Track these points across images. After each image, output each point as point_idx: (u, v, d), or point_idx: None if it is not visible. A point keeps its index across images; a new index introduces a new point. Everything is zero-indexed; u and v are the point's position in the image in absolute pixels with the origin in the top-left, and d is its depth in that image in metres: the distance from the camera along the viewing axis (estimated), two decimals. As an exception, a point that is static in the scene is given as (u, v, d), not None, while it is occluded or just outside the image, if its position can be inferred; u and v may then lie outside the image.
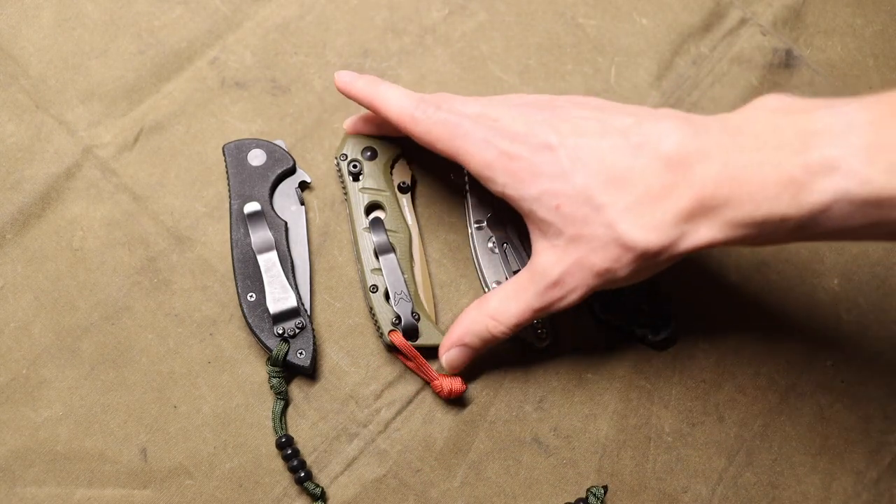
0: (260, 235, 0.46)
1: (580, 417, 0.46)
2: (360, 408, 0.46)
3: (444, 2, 0.55)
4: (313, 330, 0.46)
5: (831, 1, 0.56)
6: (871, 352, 0.48)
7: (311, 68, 0.52)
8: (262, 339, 0.45)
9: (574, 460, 0.46)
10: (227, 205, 0.49)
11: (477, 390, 0.47)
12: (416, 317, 0.46)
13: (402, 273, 0.46)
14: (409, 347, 0.45)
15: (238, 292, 0.46)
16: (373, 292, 0.46)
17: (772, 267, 0.49)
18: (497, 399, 0.47)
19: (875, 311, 0.49)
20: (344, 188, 0.49)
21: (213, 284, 0.47)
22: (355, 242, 0.47)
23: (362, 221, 0.48)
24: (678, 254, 0.38)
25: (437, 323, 0.47)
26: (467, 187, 0.49)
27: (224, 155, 0.49)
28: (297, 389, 0.46)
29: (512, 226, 0.48)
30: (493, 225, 0.48)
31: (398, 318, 0.45)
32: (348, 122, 0.50)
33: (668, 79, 0.54)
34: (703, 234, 0.37)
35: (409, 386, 0.47)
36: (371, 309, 0.46)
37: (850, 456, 0.46)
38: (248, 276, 0.46)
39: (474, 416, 0.46)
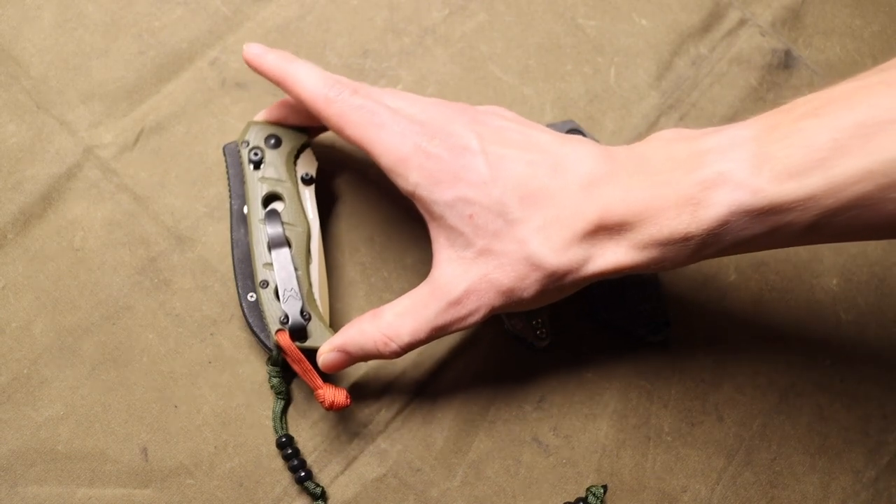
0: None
1: (580, 417, 0.46)
2: (360, 407, 0.46)
3: (444, 2, 0.55)
4: (313, 330, 0.46)
5: (830, 2, 0.56)
6: (870, 351, 0.48)
7: (311, 69, 0.52)
8: (263, 339, 0.45)
9: (574, 460, 0.46)
10: (228, 205, 0.49)
11: (477, 390, 0.47)
12: (307, 316, 0.43)
13: (296, 269, 0.44)
14: (294, 349, 0.42)
15: (238, 292, 0.46)
16: (263, 288, 0.43)
17: (771, 267, 0.50)
18: (497, 399, 0.47)
19: (874, 310, 0.49)
20: (243, 176, 0.47)
21: (214, 284, 0.47)
22: (250, 234, 0.45)
23: (258, 212, 0.45)
24: (584, 277, 0.38)
25: (331, 325, 0.45)
26: None
27: (224, 155, 0.49)
28: (297, 389, 0.46)
29: None
30: None
31: (286, 316, 0.43)
32: (261, 112, 0.48)
33: (668, 79, 0.54)
34: (609, 257, 0.37)
35: (410, 386, 0.47)
36: (260, 306, 0.44)
37: (848, 455, 0.46)
38: (249, 276, 0.46)
39: (474, 415, 0.46)
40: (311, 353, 0.43)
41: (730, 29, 0.55)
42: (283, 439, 0.44)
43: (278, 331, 0.43)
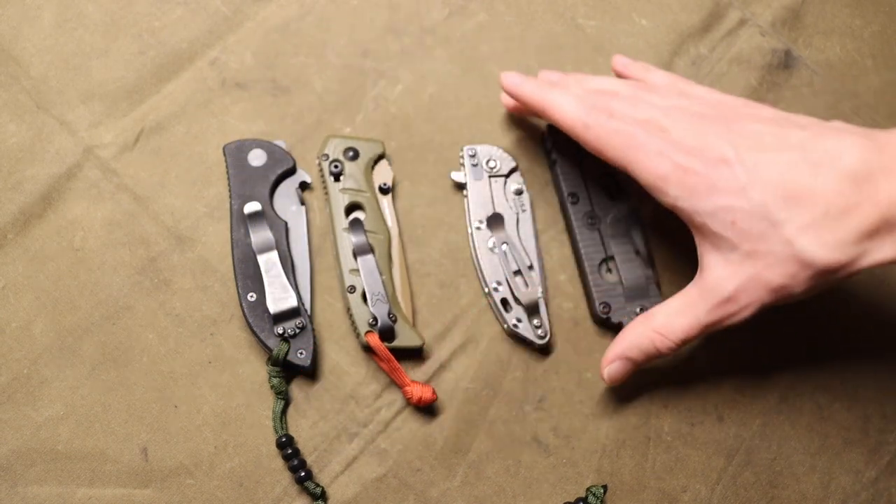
0: (260, 235, 0.46)
1: (580, 417, 0.46)
2: (361, 407, 0.46)
3: (444, 2, 0.55)
4: (313, 330, 0.46)
5: (830, 2, 0.56)
6: (870, 351, 0.48)
7: (311, 69, 0.52)
8: (263, 339, 0.45)
9: (574, 460, 0.46)
10: (228, 205, 0.49)
11: (477, 390, 0.47)
12: (393, 318, 0.46)
13: (381, 274, 0.46)
14: (384, 349, 0.45)
15: (238, 292, 0.46)
16: (350, 293, 0.46)
17: (771, 267, 0.50)
18: (497, 399, 0.47)
19: (874, 310, 0.49)
20: (325, 188, 0.49)
21: (214, 284, 0.47)
22: (334, 243, 0.48)
23: (342, 222, 0.48)
24: (857, 270, 0.37)
25: (414, 325, 0.47)
26: (466, 192, 0.49)
27: (224, 155, 0.49)
28: (297, 389, 0.46)
29: (512, 226, 0.48)
30: (492, 225, 0.48)
31: (375, 319, 0.45)
32: (509, 102, 0.50)
33: (668, 79, 0.54)
34: (886, 251, 0.36)
35: (409, 386, 0.47)
36: (348, 309, 0.46)
37: (848, 455, 0.46)
38: (249, 276, 0.46)
39: (474, 416, 0.46)
40: (398, 353, 0.45)
41: (730, 29, 0.55)
42: (283, 439, 0.44)
43: (367, 332, 0.45)
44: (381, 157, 0.50)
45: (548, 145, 0.51)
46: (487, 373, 0.47)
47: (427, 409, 0.46)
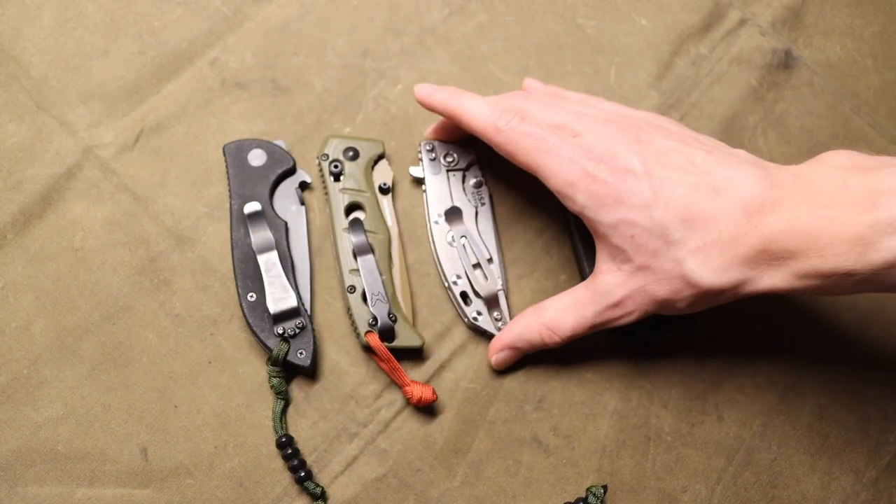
0: (260, 235, 0.46)
1: (580, 417, 0.46)
2: (360, 407, 0.46)
3: (444, 2, 0.55)
4: (313, 330, 0.46)
5: (830, 2, 0.56)
6: (871, 352, 0.48)
7: (311, 69, 0.52)
8: (263, 339, 0.45)
9: (574, 460, 0.46)
10: (228, 205, 0.49)
11: (477, 390, 0.47)
12: (393, 318, 0.46)
13: (381, 274, 0.46)
14: (384, 349, 0.45)
15: (238, 292, 0.46)
16: (350, 293, 0.46)
17: (771, 267, 0.50)
18: (497, 399, 0.47)
19: (874, 310, 0.49)
20: (325, 188, 0.49)
21: (214, 284, 0.47)
22: (334, 243, 0.48)
23: (342, 222, 0.48)
24: (740, 295, 0.39)
25: (414, 324, 0.47)
26: (424, 186, 0.49)
27: (224, 155, 0.49)
28: (297, 389, 0.46)
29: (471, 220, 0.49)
30: (450, 219, 0.48)
31: (375, 319, 0.45)
32: (429, 130, 0.50)
33: (668, 79, 0.54)
34: (766, 281, 0.38)
35: (409, 386, 0.47)
36: (348, 309, 0.46)
37: (848, 455, 0.46)
38: (249, 276, 0.46)
39: (474, 416, 0.46)
40: (398, 353, 0.45)
41: (730, 29, 0.55)
42: (283, 439, 0.44)
43: (367, 332, 0.45)
44: (381, 157, 0.50)
45: None
46: (487, 373, 0.47)
47: (427, 409, 0.46)
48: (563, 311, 0.43)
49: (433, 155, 0.50)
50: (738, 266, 0.38)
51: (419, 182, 0.50)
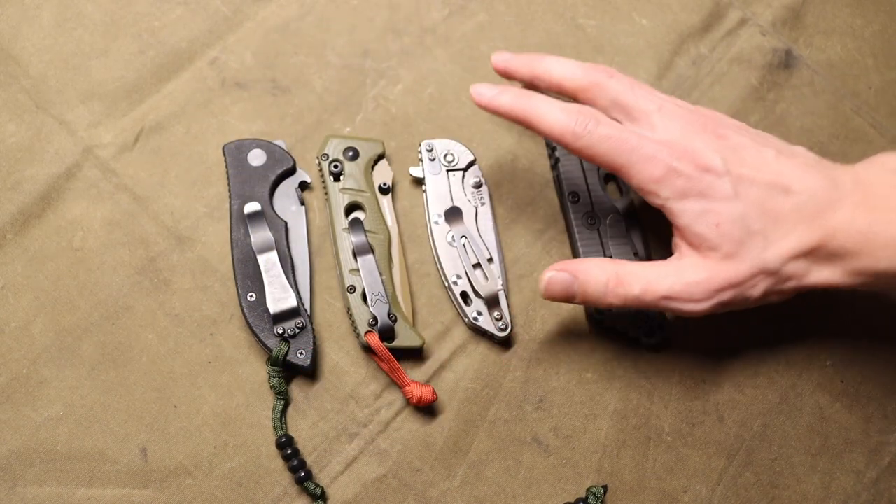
0: (260, 235, 0.46)
1: (580, 417, 0.46)
2: (360, 408, 0.46)
3: (444, 2, 0.55)
4: (313, 330, 0.46)
5: (831, 1, 0.56)
6: (871, 352, 0.48)
7: (311, 68, 0.52)
8: (262, 339, 0.45)
9: (574, 460, 0.46)
10: (228, 205, 0.49)
11: (477, 390, 0.47)
12: (393, 318, 0.46)
13: (381, 274, 0.46)
14: (384, 349, 0.45)
15: (238, 292, 0.46)
16: (350, 293, 0.46)
17: (771, 267, 0.49)
18: (497, 399, 0.47)
19: (875, 311, 0.49)
20: (325, 188, 0.49)
21: (214, 284, 0.47)
22: (334, 243, 0.47)
23: (342, 222, 0.48)
24: (802, 287, 0.42)
25: (414, 324, 0.47)
26: (424, 186, 0.49)
27: (224, 155, 0.49)
28: (297, 389, 0.46)
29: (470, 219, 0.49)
30: (450, 219, 0.48)
31: (374, 319, 0.45)
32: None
33: (668, 79, 0.54)
34: (825, 274, 0.41)
35: (409, 386, 0.47)
36: (348, 309, 0.46)
37: (849, 456, 0.46)
38: (249, 276, 0.46)
39: (474, 416, 0.46)
40: (398, 353, 0.45)
41: (730, 28, 0.55)
42: (283, 439, 0.44)
43: (367, 332, 0.45)
44: (380, 157, 0.50)
45: (549, 144, 0.51)
46: (487, 373, 0.47)
47: (427, 409, 0.46)
48: (639, 275, 0.42)
49: (433, 155, 0.50)
50: (803, 257, 0.41)
51: (419, 182, 0.50)
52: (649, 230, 0.50)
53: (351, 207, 0.48)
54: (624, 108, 0.43)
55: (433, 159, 0.50)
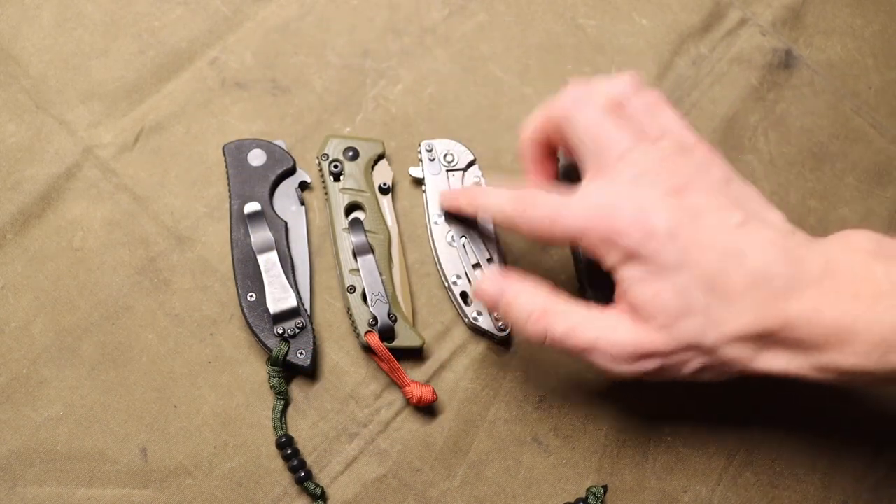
0: (260, 235, 0.46)
1: (580, 417, 0.46)
2: (360, 408, 0.46)
3: (444, 2, 0.55)
4: (313, 330, 0.46)
5: (831, 1, 0.56)
6: (871, 352, 0.48)
7: (311, 68, 0.52)
8: (262, 339, 0.45)
9: (574, 460, 0.46)
10: (228, 205, 0.49)
11: (477, 390, 0.47)
12: (393, 318, 0.46)
13: (381, 274, 0.46)
14: (384, 349, 0.45)
15: (238, 292, 0.46)
16: (350, 293, 0.46)
17: (771, 267, 0.49)
18: (497, 399, 0.47)
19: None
20: (325, 188, 0.49)
21: (214, 284, 0.47)
22: (334, 243, 0.48)
23: (342, 222, 0.48)
24: (748, 371, 0.38)
25: (414, 325, 0.47)
26: (424, 186, 0.49)
27: (224, 155, 0.49)
28: (297, 389, 0.46)
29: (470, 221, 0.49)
30: (450, 219, 0.48)
31: (374, 319, 0.45)
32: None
33: (668, 79, 0.54)
34: (780, 362, 0.37)
35: (409, 386, 0.47)
36: (348, 309, 0.46)
37: (849, 455, 0.46)
38: (249, 276, 0.46)
39: (474, 416, 0.46)
40: (398, 353, 0.45)
41: (730, 28, 0.55)
42: (283, 439, 0.44)
43: (367, 332, 0.45)
44: (381, 157, 0.50)
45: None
46: (487, 373, 0.47)
47: (427, 409, 0.46)
48: (568, 317, 0.40)
49: (432, 155, 0.50)
50: (753, 341, 0.37)
51: (419, 182, 0.50)
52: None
53: (351, 207, 0.48)
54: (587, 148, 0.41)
55: (433, 159, 0.50)
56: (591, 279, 0.48)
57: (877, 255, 0.37)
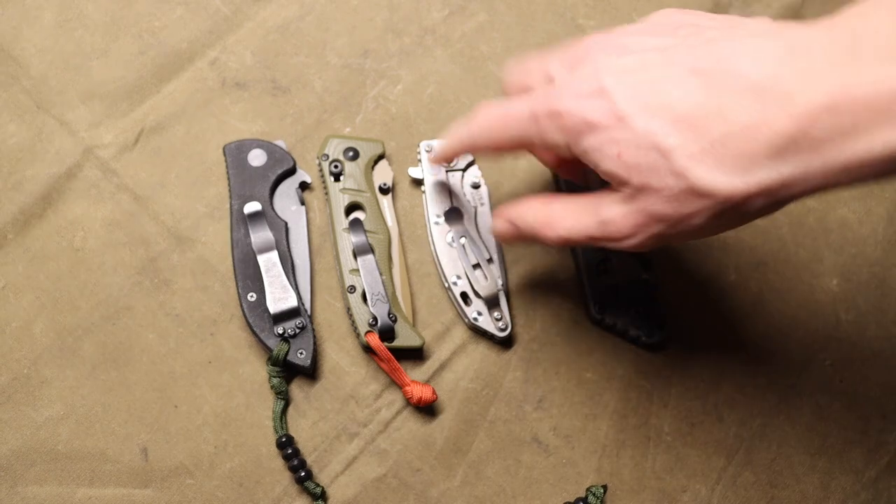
0: (260, 235, 0.46)
1: (580, 417, 0.46)
2: (360, 407, 0.46)
3: (444, 2, 0.55)
4: (313, 330, 0.46)
5: (831, 1, 0.56)
6: (870, 352, 0.48)
7: (311, 69, 0.52)
8: (263, 338, 0.45)
9: (574, 460, 0.46)
10: (228, 205, 0.49)
11: (477, 390, 0.47)
12: (393, 318, 0.46)
13: (381, 274, 0.46)
14: (384, 349, 0.45)
15: (238, 292, 0.46)
16: (350, 293, 0.46)
17: (770, 267, 0.50)
18: (497, 399, 0.47)
19: (873, 311, 0.49)
20: (325, 188, 0.49)
21: (214, 284, 0.47)
22: (334, 243, 0.48)
23: (342, 222, 0.48)
24: (777, 201, 0.32)
25: (414, 324, 0.47)
26: (424, 187, 0.49)
27: (224, 155, 0.49)
28: (297, 389, 0.46)
29: (469, 219, 0.49)
30: (450, 219, 0.48)
31: (375, 319, 0.46)
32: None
33: (668, 79, 0.54)
34: (814, 177, 0.30)
35: (409, 386, 0.47)
36: (349, 309, 0.46)
37: (848, 455, 0.46)
38: (249, 276, 0.46)
39: (474, 416, 0.46)
40: (398, 353, 0.45)
41: (730, 29, 0.55)
42: (283, 439, 0.44)
43: (367, 332, 0.45)
44: (381, 157, 0.50)
45: None
46: (487, 373, 0.47)
47: (427, 409, 0.46)
48: (567, 212, 0.38)
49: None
50: (767, 161, 0.30)
51: (419, 182, 0.50)
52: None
53: (351, 207, 0.48)
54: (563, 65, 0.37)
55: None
56: (591, 279, 0.48)
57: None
